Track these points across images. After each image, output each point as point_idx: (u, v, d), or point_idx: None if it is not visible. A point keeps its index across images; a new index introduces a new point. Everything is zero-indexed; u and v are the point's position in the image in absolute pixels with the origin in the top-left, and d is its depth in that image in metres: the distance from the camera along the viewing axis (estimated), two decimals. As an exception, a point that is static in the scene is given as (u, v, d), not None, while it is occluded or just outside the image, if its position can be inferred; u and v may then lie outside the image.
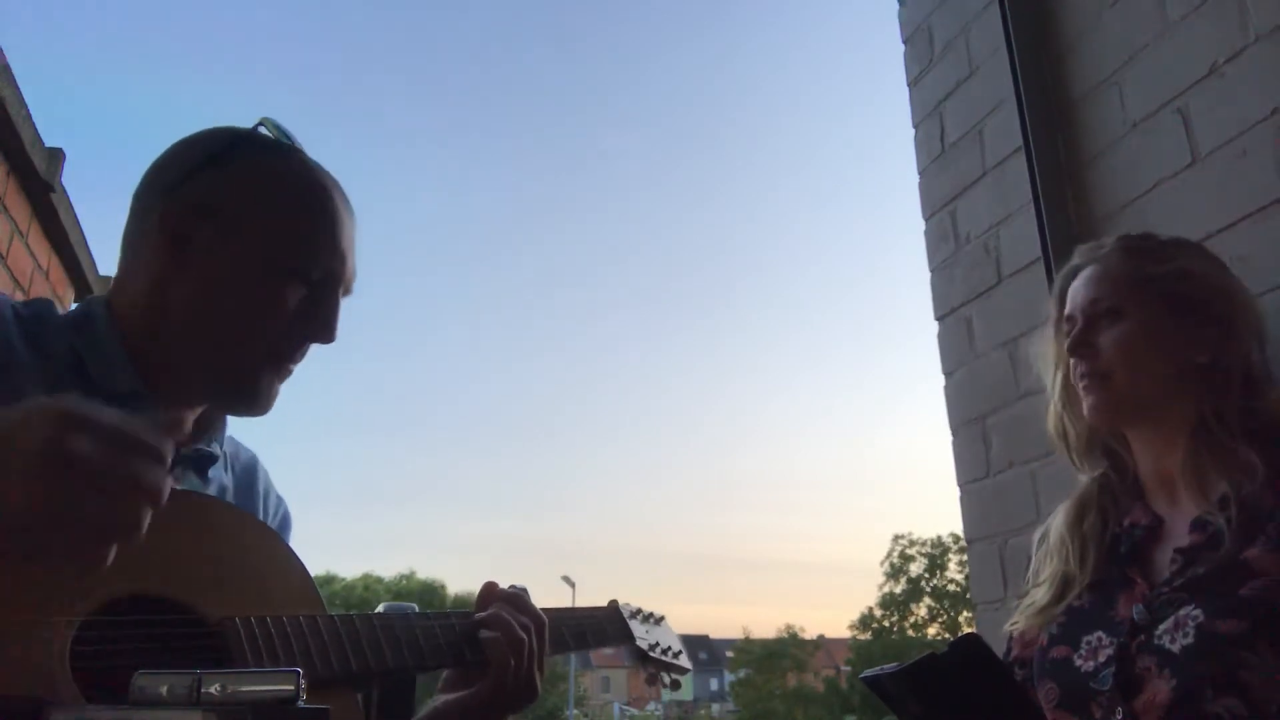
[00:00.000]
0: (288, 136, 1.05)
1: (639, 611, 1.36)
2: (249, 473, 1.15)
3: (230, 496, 1.10)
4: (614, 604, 1.32)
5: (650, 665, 1.33)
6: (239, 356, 0.98)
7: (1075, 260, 1.35)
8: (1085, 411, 1.27)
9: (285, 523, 1.20)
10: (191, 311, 0.97)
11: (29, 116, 2.26)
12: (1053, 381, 1.36)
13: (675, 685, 1.39)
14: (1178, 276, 1.23)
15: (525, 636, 1.04)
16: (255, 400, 1.01)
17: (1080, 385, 1.26)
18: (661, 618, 1.41)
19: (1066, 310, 1.31)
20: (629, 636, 1.29)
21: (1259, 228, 1.50)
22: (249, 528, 1.00)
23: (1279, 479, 1.12)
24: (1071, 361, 1.28)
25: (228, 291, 0.97)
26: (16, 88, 2.17)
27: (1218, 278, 1.27)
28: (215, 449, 1.06)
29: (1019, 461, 1.94)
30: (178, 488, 1.00)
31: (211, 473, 1.06)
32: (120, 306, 1.01)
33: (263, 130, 1.05)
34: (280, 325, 0.99)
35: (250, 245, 0.98)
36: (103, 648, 0.77)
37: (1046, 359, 1.38)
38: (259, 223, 0.98)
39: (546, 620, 1.09)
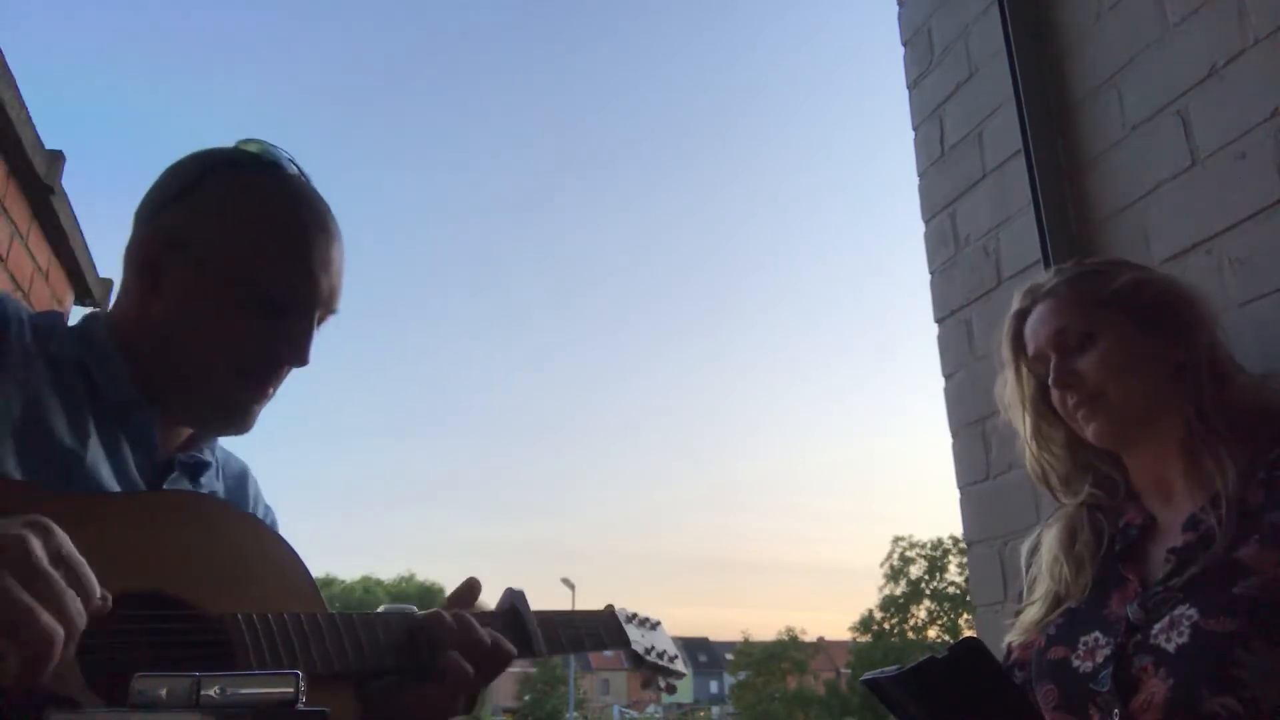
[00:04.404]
0: (271, 153, 1.06)
1: (635, 616, 1.37)
2: (239, 482, 1.18)
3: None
4: (610, 609, 1.34)
5: (646, 669, 1.35)
6: (210, 382, 1.01)
7: (1019, 304, 1.37)
8: (1090, 436, 1.27)
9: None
10: (165, 337, 1.01)
11: (29, 118, 2.26)
12: (1023, 424, 1.38)
13: (671, 689, 1.41)
14: (1132, 289, 1.27)
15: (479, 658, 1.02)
16: (231, 422, 1.04)
17: (1079, 414, 1.28)
18: (657, 623, 1.42)
19: (1031, 350, 1.33)
20: (625, 641, 1.31)
21: (1259, 230, 1.50)
22: (247, 526, 1.02)
23: (1265, 474, 1.13)
24: (1059, 394, 1.29)
25: (194, 321, 1.00)
26: (17, 89, 2.17)
27: (1164, 281, 1.31)
28: (207, 456, 1.09)
29: (1019, 464, 1.92)
30: (176, 488, 1.02)
31: (204, 479, 1.09)
32: (118, 318, 1.04)
33: (243, 150, 1.06)
34: (246, 352, 1.00)
35: (214, 276, 1.00)
36: (109, 643, 0.78)
37: (1013, 403, 1.38)
38: (223, 252, 1.00)
39: (501, 654, 1.06)
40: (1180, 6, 1.69)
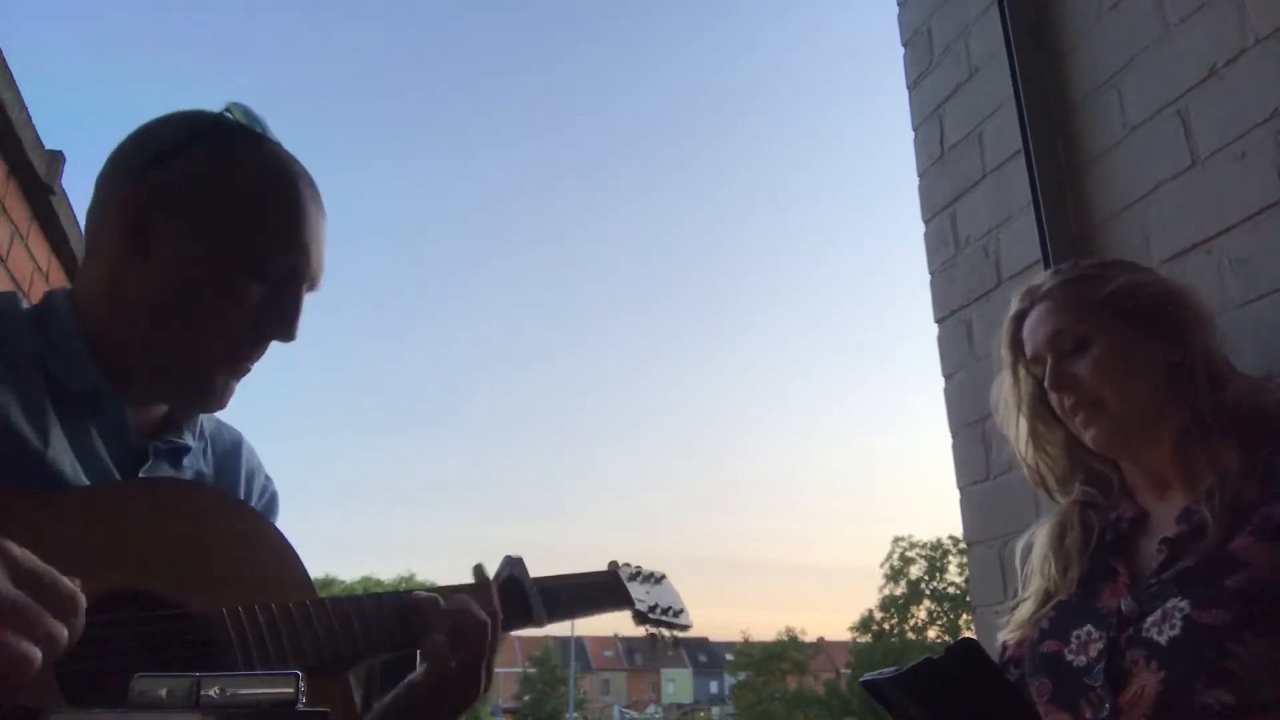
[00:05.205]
0: (257, 122, 1.02)
1: (639, 572, 1.35)
2: (230, 455, 1.12)
3: (209, 483, 1.08)
4: (613, 565, 1.32)
5: (650, 625, 1.34)
6: (194, 353, 0.96)
7: (1017, 306, 1.38)
8: (1089, 441, 1.28)
9: (272, 503, 1.17)
10: (149, 304, 0.95)
11: (29, 119, 2.26)
12: (1015, 427, 1.38)
13: (675, 643, 1.38)
14: (1127, 291, 1.27)
15: (475, 628, 1.00)
16: (208, 399, 0.99)
17: (1078, 420, 1.28)
18: (662, 576, 1.40)
19: (1029, 352, 1.33)
20: (629, 601, 1.28)
21: (1258, 230, 1.51)
22: (233, 512, 0.99)
23: (1262, 469, 1.13)
24: (1056, 396, 1.30)
25: (186, 286, 0.94)
26: (17, 90, 2.16)
27: (1160, 282, 1.32)
28: (187, 440, 1.04)
29: (1019, 464, 1.93)
30: (157, 476, 0.98)
31: (186, 462, 1.04)
32: (83, 296, 0.99)
33: (228, 116, 1.01)
34: (239, 322, 0.96)
35: (211, 240, 0.95)
36: (89, 647, 0.76)
37: (1008, 405, 1.39)
38: (220, 216, 0.95)
39: (493, 621, 1.03)
40: (1180, 6, 1.69)
